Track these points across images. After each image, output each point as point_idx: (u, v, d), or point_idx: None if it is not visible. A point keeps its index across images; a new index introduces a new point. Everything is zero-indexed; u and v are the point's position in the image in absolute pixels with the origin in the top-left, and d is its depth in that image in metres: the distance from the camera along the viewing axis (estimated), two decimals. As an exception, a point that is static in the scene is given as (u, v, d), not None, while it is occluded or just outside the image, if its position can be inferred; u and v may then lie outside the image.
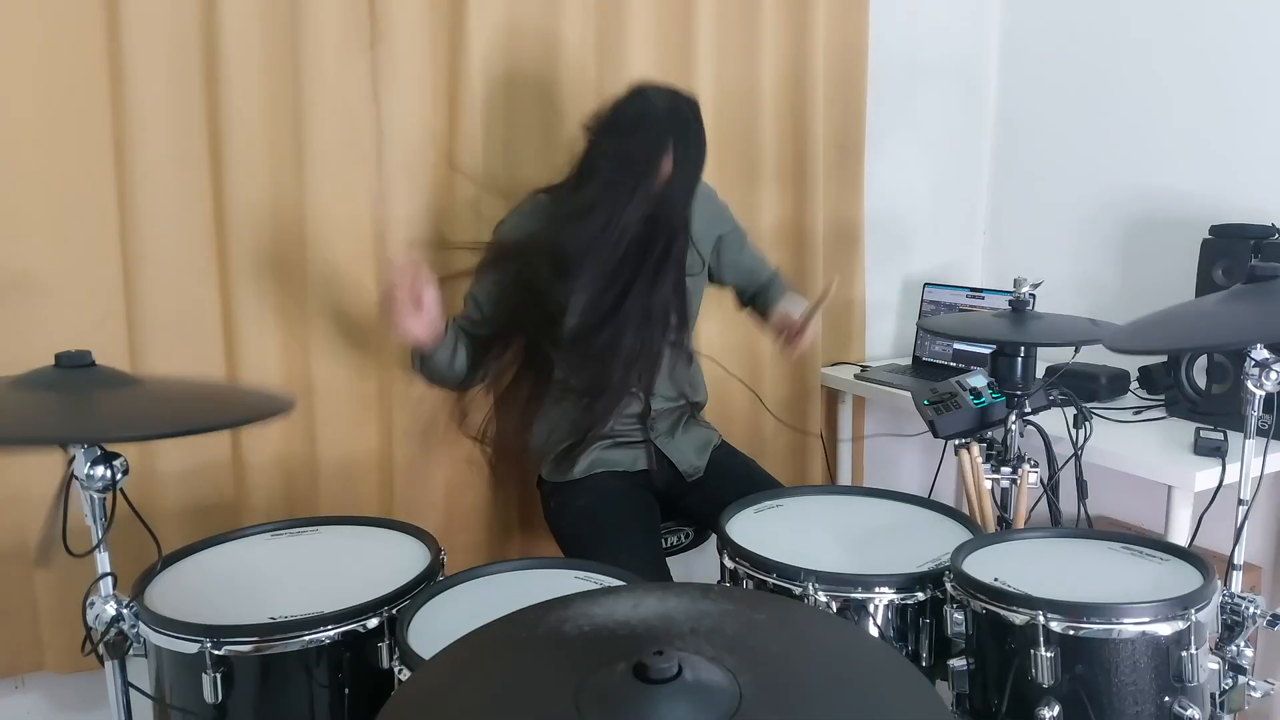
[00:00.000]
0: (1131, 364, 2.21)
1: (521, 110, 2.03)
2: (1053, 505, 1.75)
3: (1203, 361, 1.97)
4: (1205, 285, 2.00)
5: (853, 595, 1.36)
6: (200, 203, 1.79)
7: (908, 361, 2.59)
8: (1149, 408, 2.09)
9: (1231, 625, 1.30)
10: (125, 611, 1.25)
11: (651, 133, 1.73)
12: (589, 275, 1.75)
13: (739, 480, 1.90)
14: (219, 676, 1.23)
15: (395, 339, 1.70)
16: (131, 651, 1.27)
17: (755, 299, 2.08)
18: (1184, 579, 1.28)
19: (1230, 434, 1.75)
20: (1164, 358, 2.08)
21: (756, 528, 1.58)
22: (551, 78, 2.05)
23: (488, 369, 1.88)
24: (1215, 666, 1.23)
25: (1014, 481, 1.72)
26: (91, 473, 1.18)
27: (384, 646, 1.30)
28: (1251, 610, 1.29)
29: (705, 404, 2.04)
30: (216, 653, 1.22)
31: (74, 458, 1.19)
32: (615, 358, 1.80)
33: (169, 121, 1.74)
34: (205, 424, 1.18)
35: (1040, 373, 1.82)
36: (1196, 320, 1.41)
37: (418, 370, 1.81)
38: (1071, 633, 1.18)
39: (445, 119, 1.96)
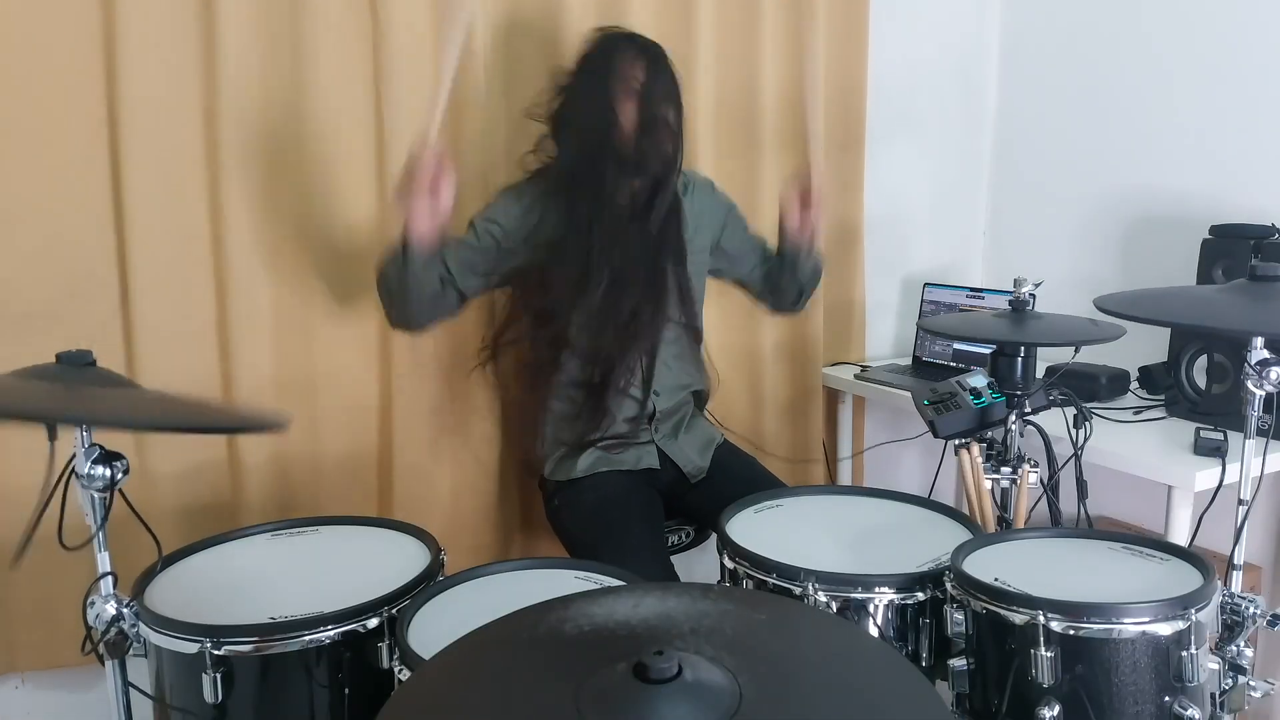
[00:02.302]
0: (1132, 364, 2.21)
1: (524, 98, 2.02)
2: (1053, 505, 1.75)
3: (1203, 361, 1.97)
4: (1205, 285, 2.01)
5: (853, 595, 1.36)
6: (199, 202, 1.79)
7: (908, 361, 2.59)
8: (1149, 408, 2.09)
9: (1231, 625, 1.30)
10: (125, 611, 1.25)
11: (595, 57, 1.78)
12: (584, 242, 1.76)
13: (740, 480, 1.90)
14: (219, 676, 1.23)
15: (400, 220, 1.65)
16: (131, 651, 1.27)
17: (768, 275, 2.05)
18: (1184, 579, 1.28)
19: (1230, 434, 1.75)
20: (1164, 358, 2.08)
21: (756, 528, 1.57)
22: (555, 66, 2.05)
23: (443, 316, 1.82)
24: (1215, 666, 1.23)
25: (1014, 481, 1.72)
26: (92, 472, 1.18)
27: (384, 646, 1.30)
28: (1251, 610, 1.30)
29: (709, 395, 2.04)
30: (216, 653, 1.22)
31: (73, 456, 1.19)
32: (618, 318, 1.79)
33: (166, 120, 1.74)
34: (198, 424, 1.18)
35: (1040, 373, 1.82)
36: (1195, 301, 1.42)
37: (384, 270, 1.72)
38: (1071, 633, 1.18)
39: (449, 117, 1.94)
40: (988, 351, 1.76)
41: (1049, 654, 1.18)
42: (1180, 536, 1.74)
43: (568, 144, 1.81)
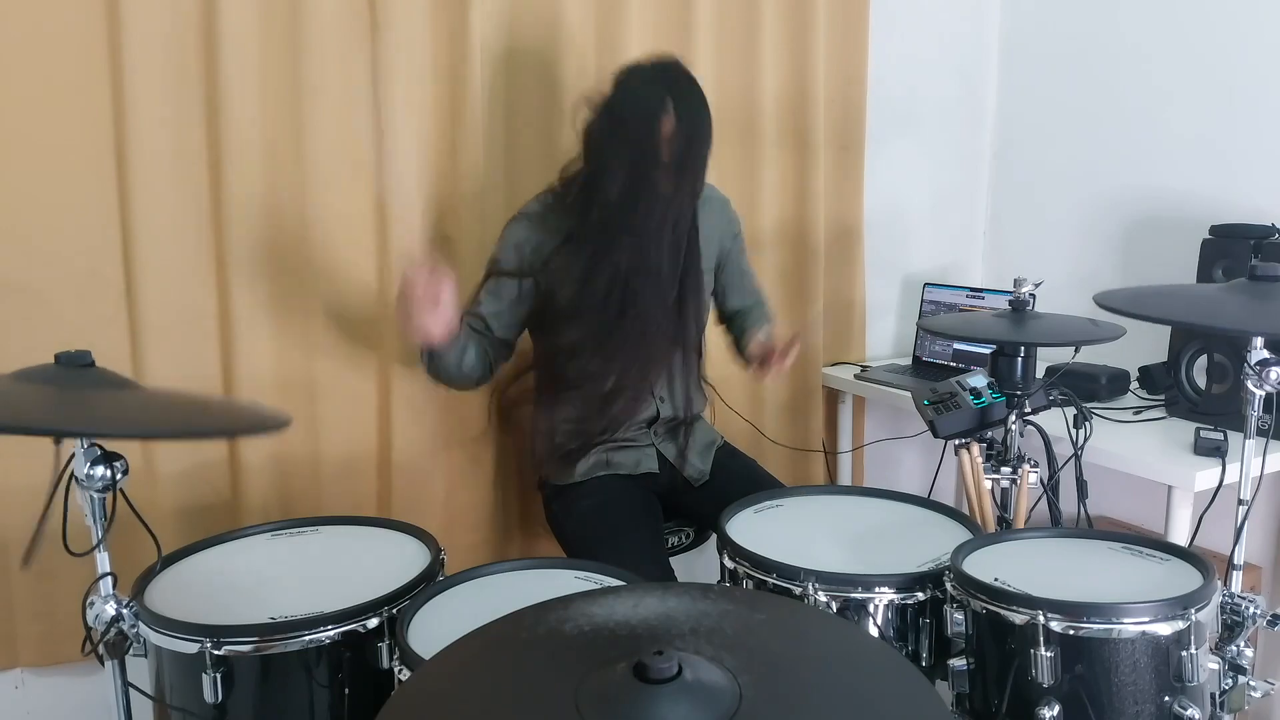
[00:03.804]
0: (1131, 364, 2.21)
1: (523, 110, 2.03)
2: (1053, 505, 1.75)
3: (1203, 361, 1.97)
4: (1205, 285, 2.01)
5: (853, 595, 1.36)
6: (199, 201, 1.79)
7: (908, 361, 2.59)
8: (1149, 408, 2.09)
9: (1231, 625, 1.30)
10: (125, 611, 1.25)
11: (644, 96, 1.72)
12: (609, 264, 1.75)
13: (740, 481, 1.90)
14: (219, 676, 1.23)
15: (409, 338, 1.68)
16: (131, 651, 1.27)
17: (736, 317, 2.06)
18: (1184, 579, 1.28)
19: (1230, 434, 1.75)
20: (1164, 358, 2.08)
21: (756, 528, 1.58)
22: (553, 79, 2.05)
23: (497, 367, 1.87)
24: (1215, 666, 1.23)
25: (1014, 481, 1.72)
26: (91, 473, 1.18)
27: (384, 646, 1.30)
28: (1251, 610, 1.30)
29: (703, 409, 2.04)
30: (216, 653, 1.22)
31: (72, 456, 1.19)
32: (635, 348, 1.79)
33: (169, 119, 1.74)
34: (200, 430, 1.17)
35: (1040, 373, 1.82)
36: (1197, 300, 1.42)
37: (425, 368, 1.79)
38: (1071, 633, 1.18)
39: (446, 117, 1.95)
40: (988, 351, 1.76)
41: (1049, 654, 1.18)
42: (1180, 536, 1.74)
43: (610, 165, 1.74)
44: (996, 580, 1.29)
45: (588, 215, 1.76)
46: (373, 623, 1.30)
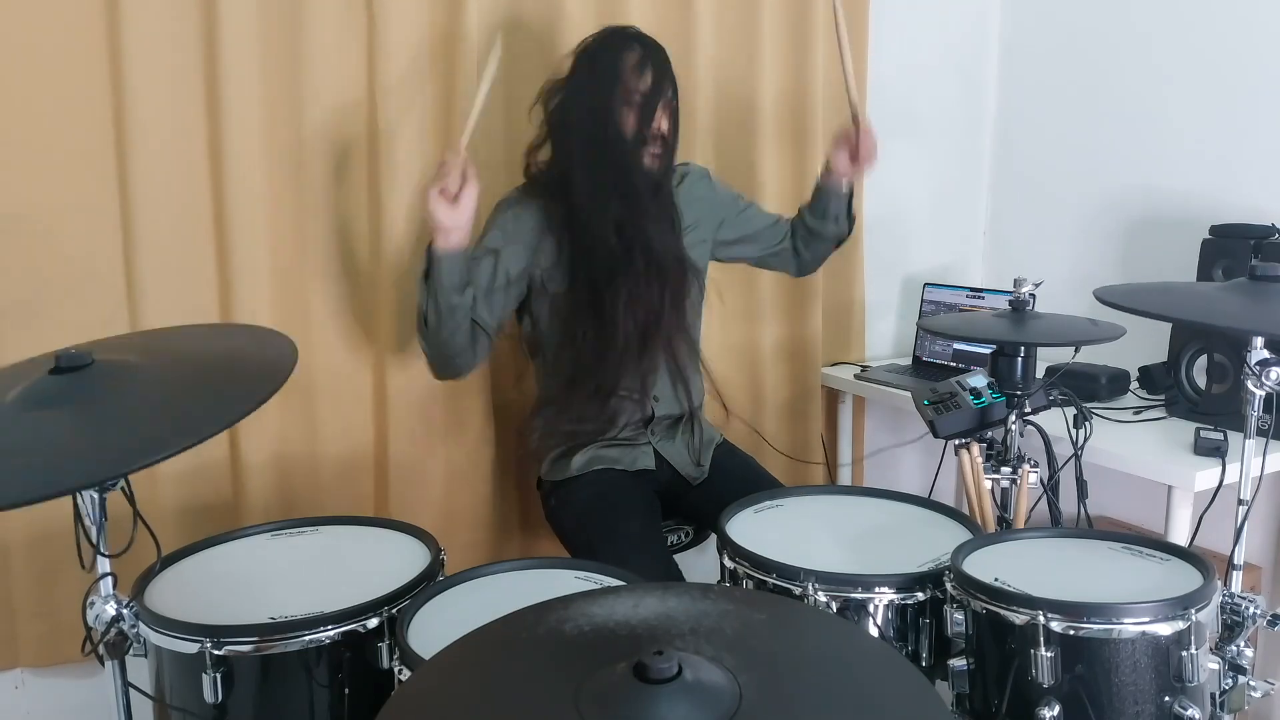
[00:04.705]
0: (1132, 364, 2.21)
1: (521, 98, 2.02)
2: (1053, 505, 1.75)
3: (1203, 361, 1.97)
4: (1205, 285, 2.01)
5: (853, 595, 1.36)
6: (199, 201, 1.80)
7: (908, 361, 2.59)
8: (1149, 408, 2.09)
9: (1231, 625, 1.30)
10: (125, 611, 1.25)
11: (599, 58, 1.76)
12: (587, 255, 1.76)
13: (739, 480, 1.90)
14: (219, 676, 1.22)
15: (429, 219, 1.68)
16: (131, 651, 1.27)
17: (799, 231, 2.08)
18: (1184, 579, 1.28)
19: (1230, 434, 1.75)
20: (1164, 358, 2.08)
21: (756, 528, 1.57)
22: (552, 68, 2.04)
23: (481, 355, 1.82)
24: (1215, 666, 1.23)
25: (1014, 481, 1.72)
26: (91, 473, 1.18)
27: (384, 646, 1.30)
28: (1251, 610, 1.30)
29: (701, 406, 2.04)
30: (216, 653, 1.22)
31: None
32: (618, 322, 1.78)
33: (169, 119, 1.74)
34: (222, 420, 1.14)
35: (1040, 373, 1.82)
36: (1195, 297, 1.42)
37: (420, 322, 1.72)
38: (1071, 633, 1.18)
39: (444, 109, 1.95)
40: (988, 351, 1.76)
41: (1049, 654, 1.18)
42: (1180, 536, 1.74)
43: (566, 152, 1.78)
44: (996, 580, 1.29)
45: (551, 194, 1.79)
46: (373, 623, 1.30)
